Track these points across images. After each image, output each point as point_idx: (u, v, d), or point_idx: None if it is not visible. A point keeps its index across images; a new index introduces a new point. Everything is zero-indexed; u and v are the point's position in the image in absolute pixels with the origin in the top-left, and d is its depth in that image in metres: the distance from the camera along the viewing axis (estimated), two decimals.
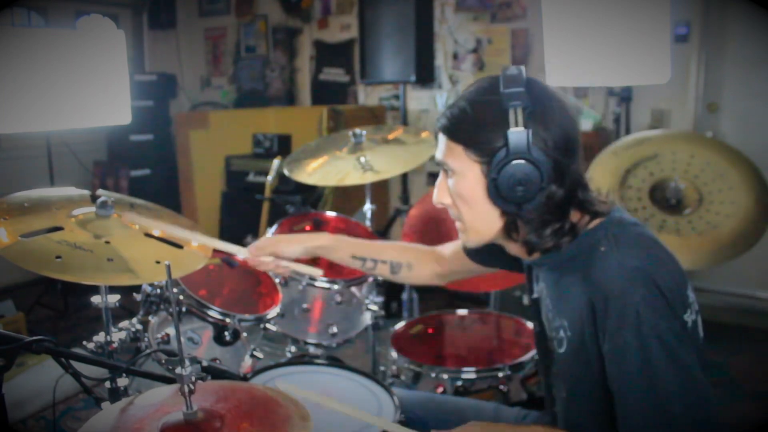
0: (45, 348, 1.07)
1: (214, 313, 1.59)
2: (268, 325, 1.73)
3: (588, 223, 1.05)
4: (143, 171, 4.52)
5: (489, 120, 1.00)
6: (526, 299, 2.62)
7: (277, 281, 1.90)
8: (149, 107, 4.55)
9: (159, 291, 1.59)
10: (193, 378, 0.90)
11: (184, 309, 1.58)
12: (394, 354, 1.90)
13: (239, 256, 1.50)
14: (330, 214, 2.34)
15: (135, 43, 4.99)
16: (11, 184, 1.88)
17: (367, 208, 2.38)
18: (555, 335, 1.10)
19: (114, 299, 1.40)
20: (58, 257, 1.16)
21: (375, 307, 2.05)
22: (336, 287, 1.95)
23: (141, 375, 1.29)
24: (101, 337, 1.40)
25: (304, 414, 0.93)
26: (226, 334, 1.60)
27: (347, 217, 2.32)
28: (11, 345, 1.03)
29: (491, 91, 1.01)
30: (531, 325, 1.92)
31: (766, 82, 3.39)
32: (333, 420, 1.37)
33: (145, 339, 1.52)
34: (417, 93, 4.28)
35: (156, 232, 1.37)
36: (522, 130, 0.97)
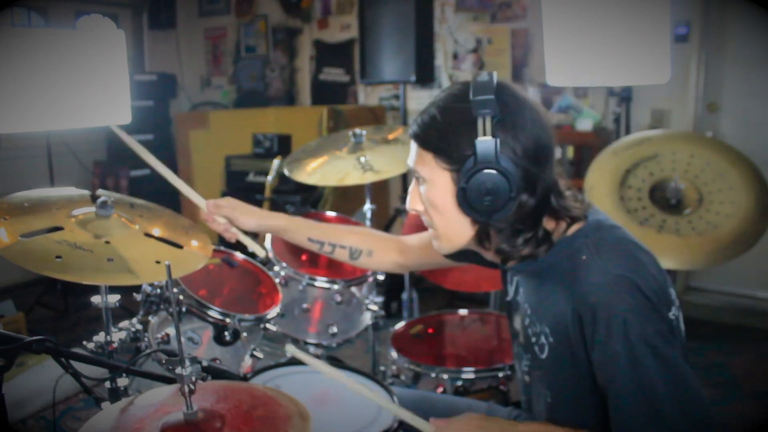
0: (45, 348, 1.07)
1: (214, 313, 1.59)
2: (268, 325, 1.73)
3: (566, 230, 1.04)
4: (143, 171, 4.52)
5: (458, 128, 1.00)
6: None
7: (277, 281, 1.90)
8: (149, 107, 4.55)
9: (159, 291, 1.59)
10: (193, 378, 0.90)
11: (184, 309, 1.58)
12: (394, 354, 1.90)
13: (200, 203, 1.48)
14: (330, 214, 2.34)
15: (135, 43, 4.99)
16: (11, 184, 1.88)
17: (367, 208, 2.38)
18: (536, 340, 1.10)
19: (114, 299, 1.40)
20: (58, 257, 1.16)
21: (375, 307, 2.05)
22: (336, 287, 1.95)
23: (141, 375, 1.29)
24: (101, 337, 1.40)
25: (304, 414, 0.93)
26: (226, 334, 1.60)
27: (347, 217, 2.32)
28: (11, 345, 1.03)
29: (461, 98, 1.00)
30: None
31: (766, 82, 3.39)
32: (333, 420, 1.37)
33: (145, 339, 1.52)
34: (417, 93, 4.28)
35: (153, 231, 1.37)
36: (490, 139, 0.96)
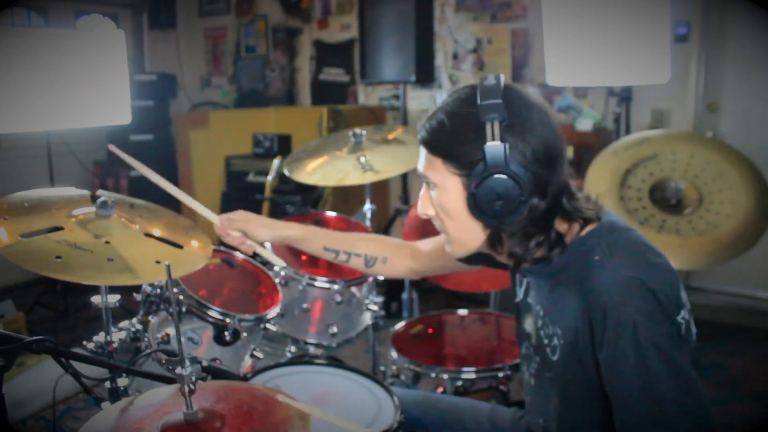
0: (45, 348, 1.07)
1: (214, 313, 1.59)
2: (268, 325, 1.73)
3: (579, 231, 1.04)
4: None
5: (466, 133, 0.99)
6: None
7: (277, 281, 1.90)
8: (149, 107, 4.55)
9: (159, 291, 1.59)
10: (193, 378, 0.90)
11: (184, 309, 1.58)
12: (394, 354, 1.90)
13: (214, 219, 1.48)
14: (330, 214, 2.34)
15: (135, 43, 4.99)
16: (11, 184, 1.88)
17: (367, 208, 2.38)
18: (548, 342, 1.10)
19: (114, 299, 1.40)
20: (58, 257, 1.16)
21: (375, 307, 2.05)
22: (336, 287, 1.95)
23: (141, 375, 1.29)
24: (101, 337, 1.40)
25: (304, 414, 0.93)
26: (226, 334, 1.60)
27: (347, 217, 2.32)
28: (11, 345, 1.03)
29: (469, 103, 1.00)
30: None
31: (766, 82, 3.39)
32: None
33: (145, 339, 1.52)
34: (417, 93, 4.28)
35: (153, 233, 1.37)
36: (499, 144, 0.96)
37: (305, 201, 3.63)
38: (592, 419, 1.05)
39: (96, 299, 1.40)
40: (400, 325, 2.10)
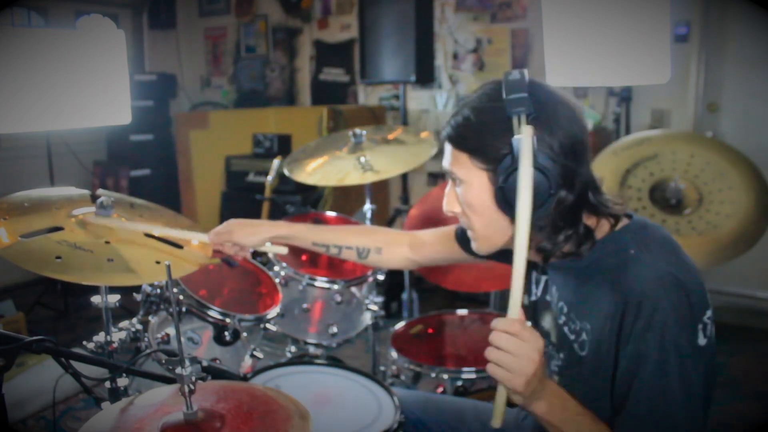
0: (45, 348, 1.07)
1: (214, 313, 1.59)
2: (268, 325, 1.73)
3: (612, 227, 1.04)
4: (143, 171, 4.52)
5: (493, 127, 0.99)
6: (526, 299, 2.62)
7: (277, 281, 1.90)
8: (149, 107, 4.55)
9: (159, 291, 1.59)
10: (193, 378, 0.90)
11: (184, 309, 1.58)
12: (394, 354, 1.90)
13: (203, 239, 1.47)
14: (330, 214, 2.35)
15: (135, 43, 4.99)
16: (11, 184, 1.88)
17: (367, 208, 2.38)
18: (575, 338, 1.09)
19: (114, 299, 1.40)
20: (58, 257, 1.16)
21: (375, 307, 2.05)
22: (336, 287, 1.95)
23: (141, 375, 1.29)
24: (101, 337, 1.40)
25: (304, 414, 0.93)
26: (226, 334, 1.60)
27: (347, 217, 2.32)
28: (11, 345, 1.03)
29: (494, 98, 1.00)
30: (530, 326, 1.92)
31: (766, 82, 3.39)
32: (333, 420, 1.37)
33: (145, 339, 1.52)
34: (417, 93, 4.28)
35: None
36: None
37: (305, 201, 3.63)
38: (605, 417, 1.05)
39: (96, 299, 1.40)
40: (400, 325, 2.10)
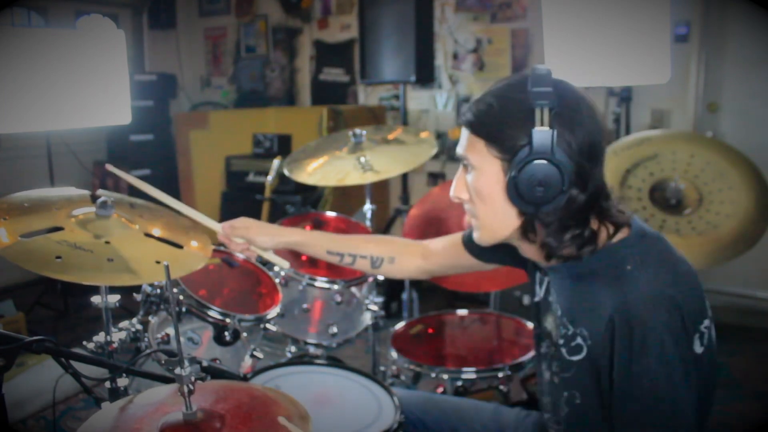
0: (45, 348, 1.07)
1: (214, 313, 1.59)
2: (268, 325, 1.73)
3: (612, 236, 1.04)
4: (143, 171, 4.52)
5: (514, 117, 0.99)
6: (526, 299, 2.62)
7: (277, 281, 1.90)
8: (149, 107, 4.55)
9: (159, 291, 1.59)
10: (193, 378, 0.90)
11: (184, 309, 1.58)
12: (394, 354, 1.90)
13: (216, 228, 1.48)
14: (330, 214, 2.34)
15: (135, 43, 4.99)
16: (11, 184, 1.88)
17: (367, 208, 2.38)
18: (564, 342, 1.09)
19: (114, 299, 1.40)
20: (58, 257, 1.16)
21: (375, 307, 2.05)
22: (336, 287, 1.95)
23: (141, 375, 1.29)
24: (101, 337, 1.40)
25: (303, 414, 0.93)
26: (226, 334, 1.60)
27: (347, 217, 2.32)
28: (11, 345, 1.03)
29: (519, 89, 0.99)
30: (531, 326, 1.92)
31: (766, 82, 3.39)
32: (333, 420, 1.37)
33: (145, 339, 1.52)
34: (417, 93, 4.28)
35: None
36: (547, 129, 0.95)
37: (305, 201, 3.62)
38: (604, 418, 1.05)
39: (96, 299, 1.40)
40: (400, 325, 2.10)
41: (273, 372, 1.54)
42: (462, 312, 2.19)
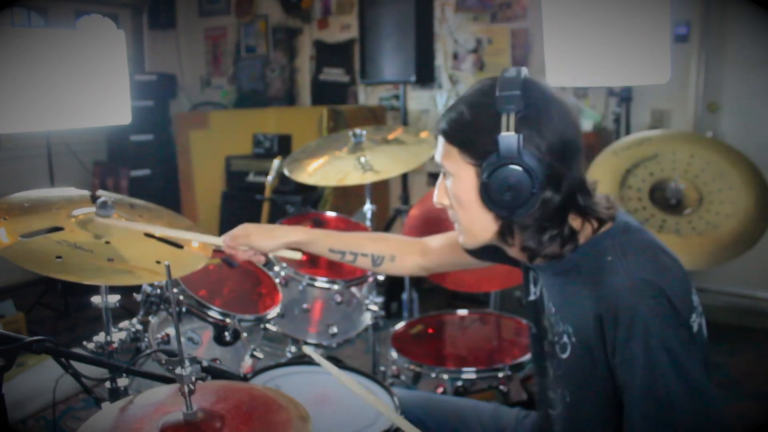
0: (45, 348, 1.07)
1: (214, 313, 1.59)
2: (268, 325, 1.73)
3: (596, 230, 1.04)
4: (143, 171, 4.52)
5: (483, 123, 1.00)
6: (525, 299, 2.62)
7: (277, 281, 1.90)
8: (149, 107, 4.55)
9: (159, 291, 1.59)
10: (193, 378, 0.90)
11: (184, 309, 1.58)
12: (394, 354, 1.90)
13: (217, 243, 1.48)
14: (330, 214, 2.34)
15: (135, 43, 4.99)
16: (11, 184, 1.88)
17: (367, 208, 2.38)
18: (558, 340, 1.10)
19: (114, 299, 1.40)
20: (58, 257, 1.16)
21: (375, 307, 2.05)
22: (336, 287, 1.95)
23: (141, 375, 1.29)
24: (101, 337, 1.40)
25: (304, 414, 0.93)
26: (226, 334, 1.60)
27: (347, 217, 2.32)
28: (11, 345, 1.03)
29: (488, 94, 1.00)
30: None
31: (766, 82, 3.39)
32: (333, 421, 1.37)
33: (145, 339, 1.52)
34: (417, 93, 4.28)
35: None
36: (513, 134, 0.96)
37: (305, 201, 3.63)
38: (602, 418, 1.05)
39: (96, 299, 1.40)
40: (400, 325, 2.10)
41: (273, 372, 1.54)
42: (462, 312, 2.19)
